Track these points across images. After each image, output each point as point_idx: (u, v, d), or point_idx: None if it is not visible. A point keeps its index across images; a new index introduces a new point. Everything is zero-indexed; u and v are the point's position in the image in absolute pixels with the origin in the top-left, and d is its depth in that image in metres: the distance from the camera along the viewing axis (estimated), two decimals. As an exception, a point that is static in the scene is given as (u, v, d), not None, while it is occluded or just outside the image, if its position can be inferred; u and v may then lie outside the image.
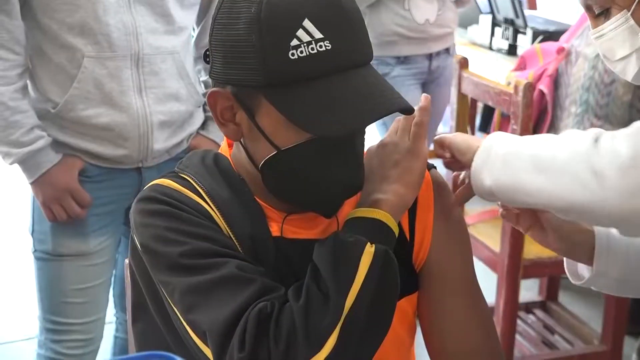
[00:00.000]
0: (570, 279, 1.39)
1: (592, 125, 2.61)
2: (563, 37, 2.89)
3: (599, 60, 2.61)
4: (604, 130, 1.15)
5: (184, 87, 2.00)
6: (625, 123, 2.58)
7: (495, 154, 1.18)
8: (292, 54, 1.07)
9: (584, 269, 1.36)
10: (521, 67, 2.97)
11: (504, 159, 1.17)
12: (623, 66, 1.25)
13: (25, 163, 1.89)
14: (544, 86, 2.71)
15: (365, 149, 1.25)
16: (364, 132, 1.20)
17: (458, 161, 1.26)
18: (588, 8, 1.25)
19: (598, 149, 1.10)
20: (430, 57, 3.32)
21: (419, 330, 1.33)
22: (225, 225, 1.17)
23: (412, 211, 1.26)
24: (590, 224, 1.28)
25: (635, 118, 2.53)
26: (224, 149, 1.27)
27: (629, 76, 1.25)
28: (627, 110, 2.55)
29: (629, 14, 1.19)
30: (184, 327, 1.13)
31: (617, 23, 1.20)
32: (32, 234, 2.01)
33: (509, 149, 1.18)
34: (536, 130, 2.80)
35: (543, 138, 1.18)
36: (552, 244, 1.32)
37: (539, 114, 2.77)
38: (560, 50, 2.77)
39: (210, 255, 1.12)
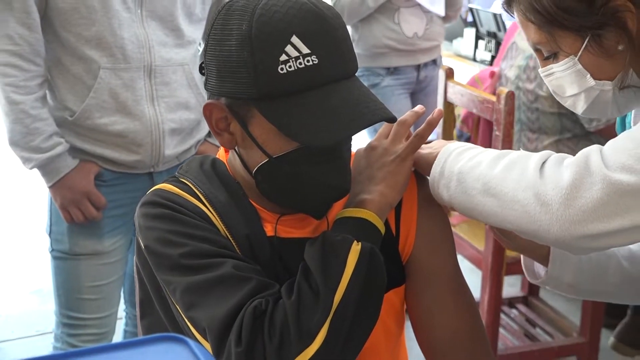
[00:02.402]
0: (526, 275, 1.40)
1: (529, 140, 2.64)
2: (496, 61, 2.92)
3: (519, 80, 2.65)
4: (551, 151, 1.17)
5: (193, 97, 2.01)
6: (559, 131, 2.63)
7: (450, 170, 1.19)
8: (282, 69, 1.07)
9: (539, 267, 1.37)
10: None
11: (458, 178, 1.18)
12: (573, 102, 1.25)
13: (45, 168, 1.89)
14: None
15: (354, 150, 1.26)
16: (350, 139, 1.20)
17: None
18: (536, 50, 1.25)
19: (543, 178, 1.11)
20: (418, 68, 3.33)
21: (408, 321, 1.32)
22: (223, 227, 1.18)
23: (398, 207, 1.26)
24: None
25: (566, 125, 2.58)
26: (221, 154, 1.28)
27: (578, 111, 1.25)
28: (558, 119, 2.59)
29: (576, 58, 1.19)
30: (186, 323, 1.13)
31: (565, 66, 1.21)
32: (50, 235, 2.01)
33: (463, 168, 1.18)
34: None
35: (495, 157, 1.18)
36: (507, 246, 1.33)
37: (490, 138, 2.80)
38: (492, 74, 2.81)
39: (209, 255, 1.13)
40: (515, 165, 1.15)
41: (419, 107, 1.28)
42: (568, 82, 1.22)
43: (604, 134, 2.62)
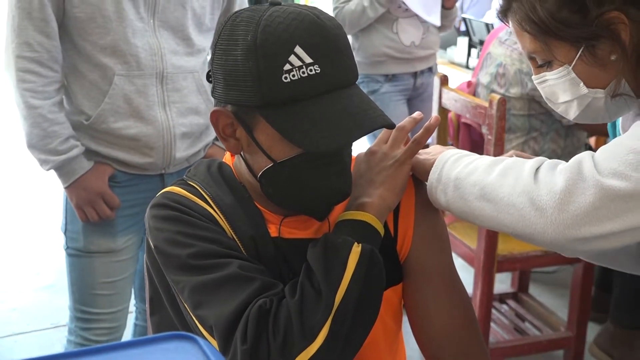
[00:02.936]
0: None
1: None
2: (474, 73, 2.92)
3: (491, 84, 2.65)
4: (543, 157, 1.16)
5: (203, 102, 2.00)
6: (527, 130, 2.64)
7: (447, 177, 1.18)
8: (285, 78, 1.06)
9: None
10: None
11: (455, 184, 1.17)
12: (565, 108, 1.24)
13: (61, 169, 1.89)
14: (465, 119, 2.74)
15: (355, 155, 1.25)
16: (351, 145, 1.19)
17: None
18: (531, 58, 1.24)
19: (538, 183, 1.10)
20: (415, 75, 3.33)
21: (405, 316, 1.32)
22: (229, 228, 1.17)
23: (396, 209, 1.26)
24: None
25: (534, 125, 2.60)
26: (227, 158, 1.27)
27: (570, 116, 1.25)
28: (526, 120, 2.60)
29: (570, 67, 1.18)
30: (194, 321, 1.13)
31: (559, 75, 1.20)
32: (65, 233, 2.01)
33: (459, 174, 1.17)
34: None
35: (490, 163, 1.17)
36: None
37: (471, 146, 2.80)
38: (469, 84, 2.81)
39: (216, 256, 1.12)
40: (511, 171, 1.14)
41: (417, 114, 1.28)
42: (561, 89, 1.21)
43: (581, 126, 2.64)
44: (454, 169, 1.19)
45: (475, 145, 2.79)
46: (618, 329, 2.66)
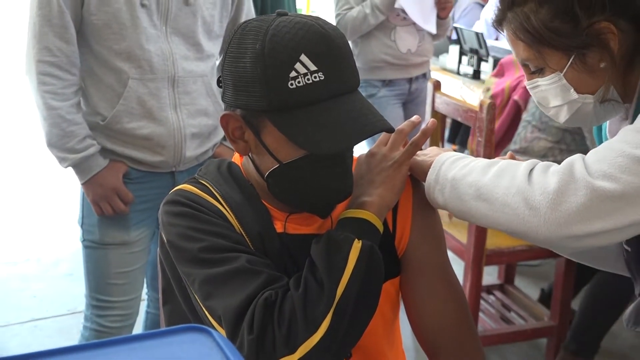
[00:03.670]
0: None
1: (524, 139, 2.62)
2: None
3: None
4: (538, 160, 1.15)
5: (212, 105, 1.99)
6: (558, 140, 2.61)
7: (444, 177, 1.17)
8: (291, 84, 1.05)
9: None
10: (500, 73, 2.92)
11: (452, 185, 1.16)
12: (556, 112, 1.23)
13: (79, 167, 1.88)
14: (518, 97, 2.70)
15: (357, 155, 1.24)
16: (352, 147, 1.18)
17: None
18: (524, 65, 1.23)
19: (532, 184, 1.09)
20: (410, 81, 3.31)
21: (402, 307, 1.31)
22: (237, 224, 1.16)
23: (395, 207, 1.25)
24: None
25: (565, 139, 2.58)
26: (236, 158, 1.26)
27: (560, 120, 1.24)
28: (561, 132, 2.59)
29: (562, 74, 1.17)
30: (203, 311, 1.12)
31: (551, 81, 1.19)
32: (82, 226, 2.00)
33: (456, 175, 1.16)
34: (509, 136, 2.77)
35: (485, 165, 1.16)
36: None
37: (510, 123, 2.75)
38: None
39: (225, 250, 1.11)
40: (505, 173, 1.13)
41: (415, 118, 1.27)
42: (552, 94, 1.20)
43: None
44: (450, 170, 1.18)
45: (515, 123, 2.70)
46: (569, 355, 2.65)
